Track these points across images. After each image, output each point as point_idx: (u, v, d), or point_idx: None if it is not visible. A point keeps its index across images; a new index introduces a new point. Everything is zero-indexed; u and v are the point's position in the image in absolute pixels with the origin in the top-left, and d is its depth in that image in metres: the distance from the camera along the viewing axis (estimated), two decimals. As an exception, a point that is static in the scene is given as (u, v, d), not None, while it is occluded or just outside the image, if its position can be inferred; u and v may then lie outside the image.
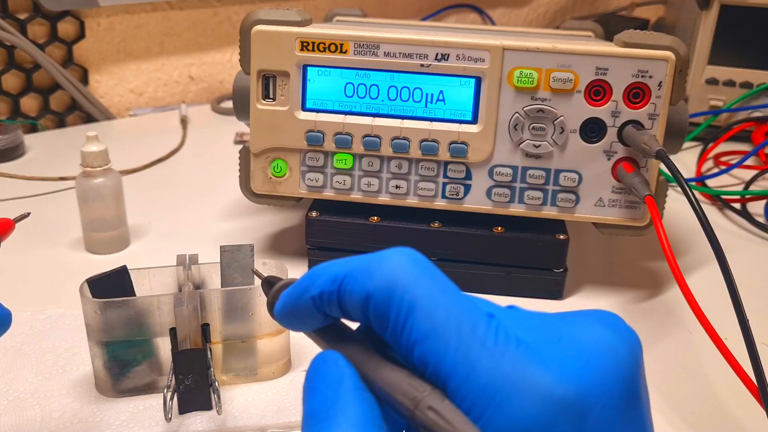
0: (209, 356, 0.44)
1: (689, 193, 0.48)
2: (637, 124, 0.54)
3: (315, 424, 0.24)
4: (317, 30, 0.55)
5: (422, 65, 0.54)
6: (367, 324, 0.26)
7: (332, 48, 0.55)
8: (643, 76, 0.53)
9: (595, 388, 0.23)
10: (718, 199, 0.77)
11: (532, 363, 0.23)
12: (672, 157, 0.51)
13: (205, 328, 0.45)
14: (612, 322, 0.25)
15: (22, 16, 0.91)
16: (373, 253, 0.25)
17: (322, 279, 0.26)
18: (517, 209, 0.57)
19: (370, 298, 0.24)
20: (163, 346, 0.46)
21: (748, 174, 0.84)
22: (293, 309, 0.27)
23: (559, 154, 0.55)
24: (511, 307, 0.26)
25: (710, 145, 0.88)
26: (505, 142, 0.55)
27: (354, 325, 0.28)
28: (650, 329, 0.55)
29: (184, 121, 0.96)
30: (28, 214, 0.40)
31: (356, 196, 0.58)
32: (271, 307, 0.30)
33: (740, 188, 0.82)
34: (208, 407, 0.45)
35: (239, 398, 0.46)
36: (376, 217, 0.58)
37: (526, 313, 0.25)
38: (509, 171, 0.56)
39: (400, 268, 0.25)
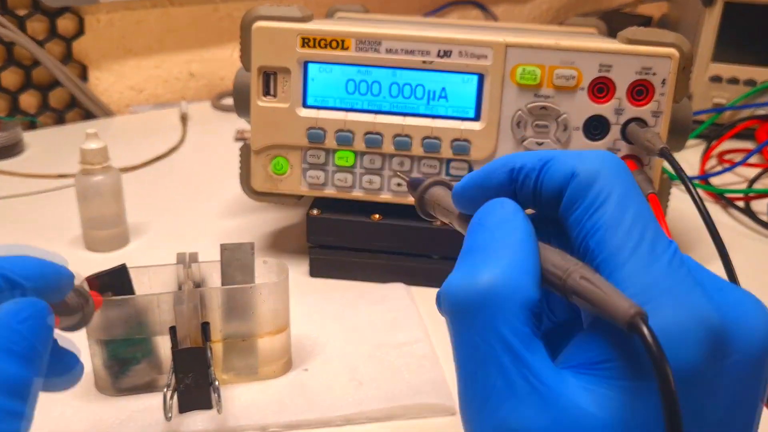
0: (209, 355, 0.44)
1: (692, 191, 0.48)
2: (640, 121, 0.54)
3: (472, 256, 0.25)
4: (318, 26, 0.55)
5: (424, 62, 0.54)
6: (549, 207, 0.27)
7: (333, 44, 0.54)
8: (646, 74, 0.52)
9: (744, 335, 0.23)
10: (721, 197, 0.77)
11: (698, 289, 0.23)
12: (675, 155, 0.51)
13: (206, 327, 0.45)
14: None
15: (21, 13, 0.91)
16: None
17: (526, 156, 0.27)
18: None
19: (574, 177, 0.25)
20: (163, 345, 0.45)
21: (752, 172, 0.83)
22: (482, 182, 0.28)
23: (562, 151, 0.55)
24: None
25: (714, 142, 0.88)
26: (508, 139, 0.55)
27: None
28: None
29: (184, 118, 0.95)
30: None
31: (357, 194, 0.58)
32: (420, 199, 0.31)
33: (744, 186, 0.81)
34: (209, 406, 0.44)
35: (240, 397, 0.46)
36: (377, 215, 0.58)
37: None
38: (512, 169, 0.55)
39: (609, 162, 0.26)
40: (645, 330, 0.21)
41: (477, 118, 0.55)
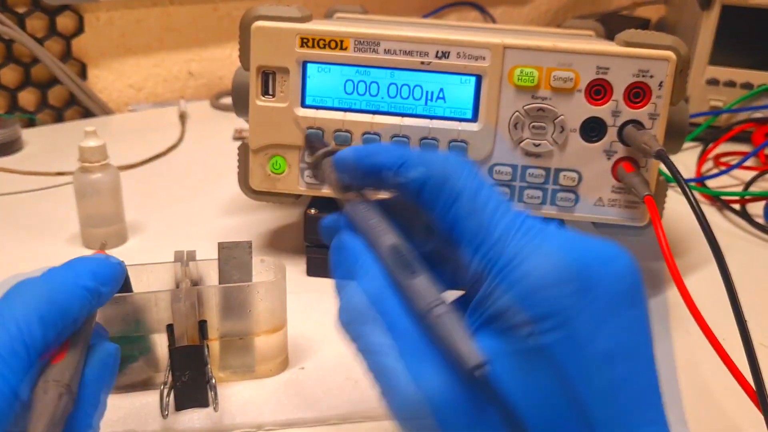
0: (206, 353, 0.44)
1: (689, 193, 0.48)
2: (637, 123, 0.54)
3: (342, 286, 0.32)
4: (317, 26, 0.55)
5: (423, 63, 0.54)
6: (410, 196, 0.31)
7: (332, 45, 0.55)
8: (643, 76, 0.53)
9: (601, 269, 0.27)
10: (717, 199, 0.77)
11: (550, 241, 0.28)
12: (672, 158, 0.51)
13: (203, 325, 0.45)
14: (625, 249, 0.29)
15: (21, 10, 0.91)
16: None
17: (386, 153, 0.32)
18: (516, 208, 0.56)
19: (426, 182, 0.30)
20: (160, 343, 0.45)
21: (748, 175, 0.84)
22: (355, 161, 0.33)
23: (559, 153, 0.55)
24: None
25: (710, 145, 0.88)
26: (505, 140, 0.55)
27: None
28: (648, 329, 0.55)
29: (183, 117, 0.96)
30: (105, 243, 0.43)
31: (355, 194, 0.58)
32: (317, 163, 0.35)
33: (740, 189, 0.82)
34: (205, 404, 0.45)
35: (236, 395, 0.46)
36: (374, 215, 0.58)
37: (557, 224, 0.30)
38: (509, 170, 0.56)
39: (453, 162, 0.30)
40: (484, 379, 0.25)
41: (474, 119, 0.55)
